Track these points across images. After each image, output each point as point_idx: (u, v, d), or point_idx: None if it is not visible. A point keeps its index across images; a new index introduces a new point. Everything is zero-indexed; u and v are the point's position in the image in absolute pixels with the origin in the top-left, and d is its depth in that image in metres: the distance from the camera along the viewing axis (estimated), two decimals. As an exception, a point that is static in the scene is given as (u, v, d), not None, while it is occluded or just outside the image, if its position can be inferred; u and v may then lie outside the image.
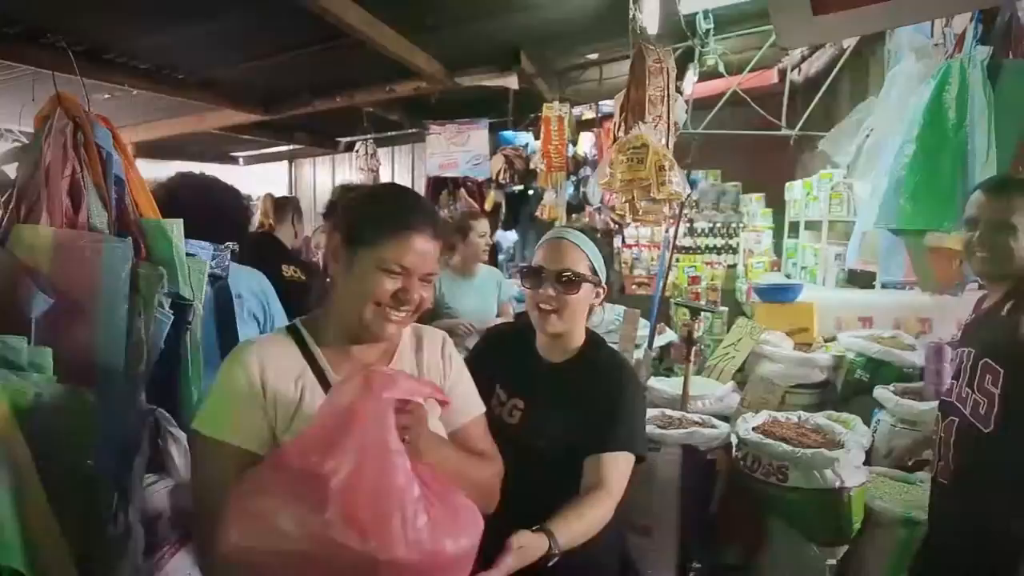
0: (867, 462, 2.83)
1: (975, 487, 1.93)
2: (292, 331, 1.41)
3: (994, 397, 1.88)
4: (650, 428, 2.74)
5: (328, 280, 1.42)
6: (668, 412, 2.98)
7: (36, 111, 3.77)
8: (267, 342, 1.39)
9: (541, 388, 1.76)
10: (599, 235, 1.85)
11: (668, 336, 4.74)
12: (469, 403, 1.56)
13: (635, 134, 2.80)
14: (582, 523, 1.46)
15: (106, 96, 4.78)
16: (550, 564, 1.34)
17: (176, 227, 1.89)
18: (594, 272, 1.71)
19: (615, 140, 3.19)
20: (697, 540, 2.74)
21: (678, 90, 4.04)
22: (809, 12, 2.07)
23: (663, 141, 2.92)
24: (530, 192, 8.19)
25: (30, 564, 1.25)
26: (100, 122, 1.85)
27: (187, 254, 1.92)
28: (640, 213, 2.90)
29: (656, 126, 2.91)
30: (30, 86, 4.07)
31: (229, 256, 2.20)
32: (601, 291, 1.76)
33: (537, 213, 6.38)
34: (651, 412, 2.97)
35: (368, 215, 1.35)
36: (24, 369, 1.45)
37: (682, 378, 3.47)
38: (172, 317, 1.81)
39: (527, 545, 1.30)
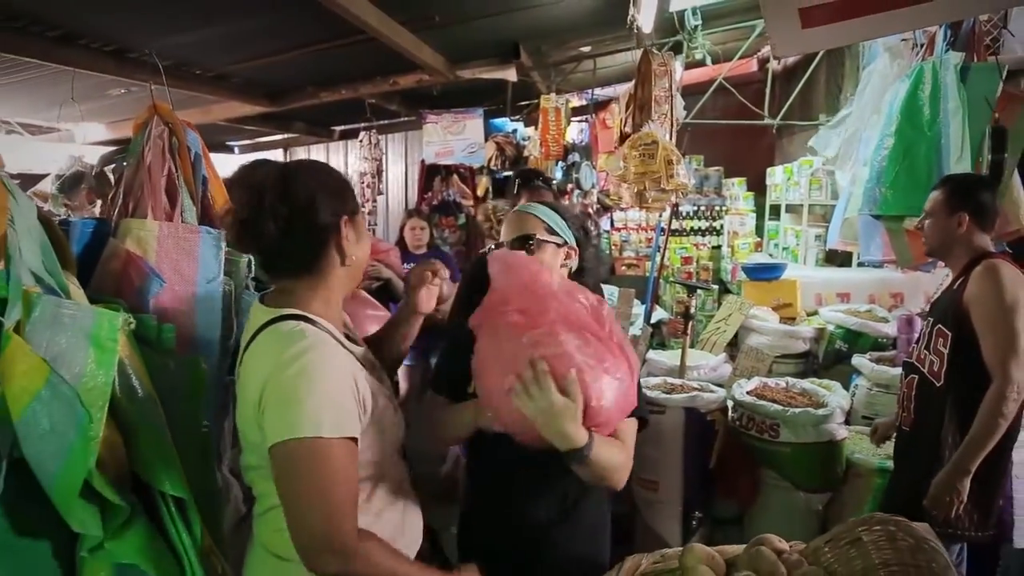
0: (847, 421, 3.19)
1: (930, 431, 2.32)
2: (298, 318, 1.37)
3: (944, 357, 2.30)
4: (656, 394, 3.06)
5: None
6: (670, 380, 3.30)
7: (73, 107, 3.98)
8: (313, 334, 1.34)
9: None
10: (566, 209, 1.86)
11: (659, 314, 5.08)
12: None
13: (645, 131, 3.10)
14: (612, 450, 1.46)
15: (122, 91, 4.97)
16: (571, 464, 1.38)
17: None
18: (553, 233, 1.72)
19: (622, 135, 3.48)
20: (699, 492, 3.07)
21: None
22: (799, 26, 2.38)
23: (667, 136, 3.23)
24: (514, 177, 8.48)
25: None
26: (190, 128, 2.11)
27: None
28: (649, 201, 3.21)
29: (662, 124, 3.22)
30: (57, 83, 4.27)
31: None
32: (571, 252, 1.76)
33: (533, 199, 6.66)
34: (655, 380, 3.30)
35: (345, 187, 1.46)
36: (154, 343, 1.71)
37: (676, 350, 3.81)
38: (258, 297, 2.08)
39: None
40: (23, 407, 1.24)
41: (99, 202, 3.94)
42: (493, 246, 1.89)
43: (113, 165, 2.10)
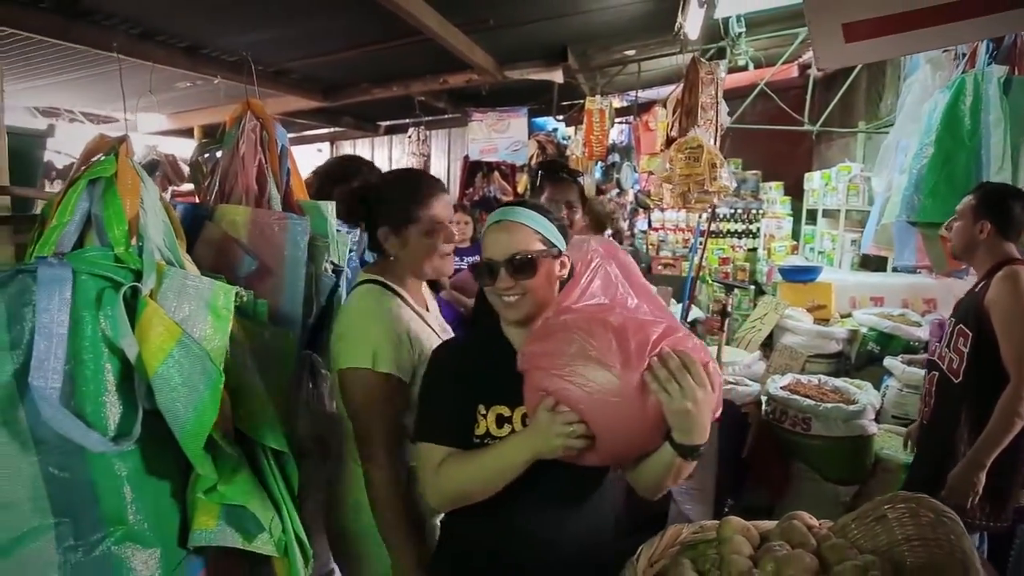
0: (877, 420, 3.31)
1: (947, 425, 2.47)
2: (379, 283, 1.84)
3: (963, 355, 2.44)
4: (693, 385, 3.21)
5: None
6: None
7: (152, 100, 4.18)
8: (376, 291, 1.83)
9: None
10: (549, 210, 1.58)
11: (695, 313, 5.22)
12: None
13: (691, 136, 3.26)
14: None
15: (187, 84, 5.23)
16: (690, 459, 1.34)
17: (330, 207, 2.35)
18: (549, 244, 1.50)
19: (668, 139, 3.64)
20: (731, 481, 3.22)
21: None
22: (842, 40, 2.50)
23: (712, 141, 3.38)
24: (553, 175, 8.64)
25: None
26: (277, 123, 2.31)
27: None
28: (692, 202, 3.37)
29: (707, 129, 3.37)
30: (126, 76, 4.51)
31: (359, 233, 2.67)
32: (566, 260, 1.54)
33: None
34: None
35: (403, 203, 1.86)
36: (250, 315, 1.92)
37: (712, 347, 3.95)
38: (335, 279, 2.28)
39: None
40: (158, 364, 1.44)
41: (171, 188, 4.20)
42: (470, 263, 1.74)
43: (207, 155, 2.30)
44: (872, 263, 5.20)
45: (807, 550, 1.72)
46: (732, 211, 6.95)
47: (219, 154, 2.26)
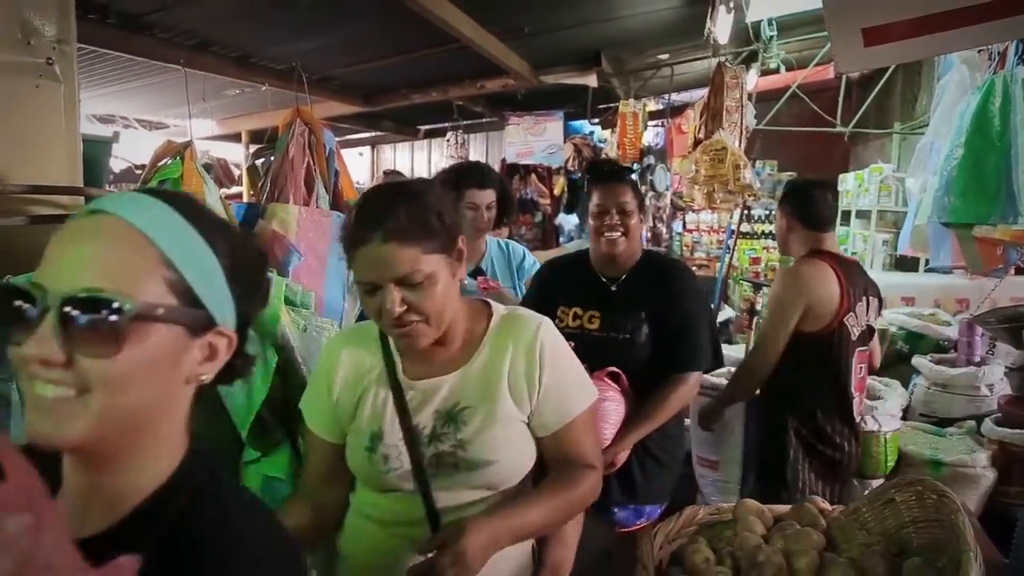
0: (904, 417, 3.35)
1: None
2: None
3: None
4: (720, 380, 3.30)
5: None
6: (733, 370, 3.53)
7: (204, 107, 4.41)
8: (353, 335, 1.43)
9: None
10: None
11: (727, 312, 5.29)
12: (567, 401, 1.34)
13: (716, 138, 3.37)
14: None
15: (236, 91, 5.48)
16: None
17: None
18: (182, 294, 0.70)
19: (695, 141, 3.75)
20: (755, 473, 3.29)
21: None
22: (861, 44, 2.58)
23: (737, 143, 3.48)
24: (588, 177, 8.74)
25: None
26: (326, 127, 2.49)
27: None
28: (718, 202, 3.47)
29: (732, 132, 3.47)
30: (179, 84, 4.77)
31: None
32: (223, 341, 0.75)
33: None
34: (720, 370, 3.52)
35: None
36: (297, 305, 2.08)
37: (742, 345, 4.03)
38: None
39: None
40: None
41: (223, 191, 4.43)
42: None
43: (262, 159, 2.49)
44: (906, 263, 5.20)
45: (817, 530, 1.83)
46: (767, 212, 6.97)
47: (272, 158, 2.44)
